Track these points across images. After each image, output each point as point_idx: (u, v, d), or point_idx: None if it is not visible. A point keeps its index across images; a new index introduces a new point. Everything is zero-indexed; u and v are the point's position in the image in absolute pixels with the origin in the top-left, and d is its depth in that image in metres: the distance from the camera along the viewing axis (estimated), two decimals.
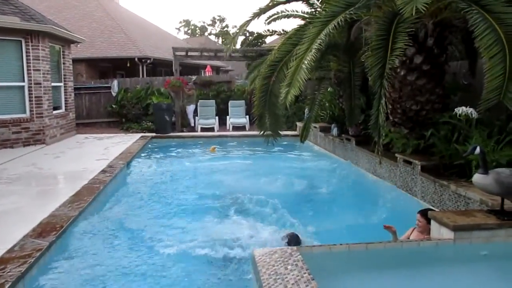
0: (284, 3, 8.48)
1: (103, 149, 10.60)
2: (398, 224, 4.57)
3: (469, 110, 5.71)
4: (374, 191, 7.01)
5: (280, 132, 7.49)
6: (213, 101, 15.53)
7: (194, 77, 16.73)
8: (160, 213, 6.12)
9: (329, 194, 7.18)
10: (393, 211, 5.91)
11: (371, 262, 3.68)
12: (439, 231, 3.99)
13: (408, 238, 4.47)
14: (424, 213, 4.40)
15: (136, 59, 19.12)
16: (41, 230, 4.72)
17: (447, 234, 3.87)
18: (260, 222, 5.59)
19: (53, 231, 4.69)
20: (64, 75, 12.98)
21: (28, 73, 10.62)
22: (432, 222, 4.12)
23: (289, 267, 3.22)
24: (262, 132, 7.39)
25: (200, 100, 15.37)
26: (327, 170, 8.87)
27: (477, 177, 3.97)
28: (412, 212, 4.70)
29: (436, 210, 5.28)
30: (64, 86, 12.97)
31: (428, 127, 6.33)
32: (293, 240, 4.80)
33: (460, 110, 5.79)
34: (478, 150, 3.97)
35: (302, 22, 7.92)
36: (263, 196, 6.47)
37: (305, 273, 3.11)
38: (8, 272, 3.70)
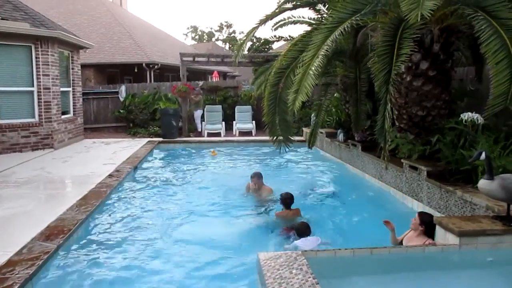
0: (290, 9, 8.51)
1: (110, 153, 10.69)
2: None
3: (475, 115, 5.71)
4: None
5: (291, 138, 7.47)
6: (220, 106, 15.60)
7: (201, 83, 16.82)
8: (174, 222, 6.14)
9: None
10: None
11: (375, 267, 3.69)
12: (444, 237, 3.99)
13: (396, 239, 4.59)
14: (421, 214, 4.47)
15: (143, 65, 19.27)
16: (49, 233, 4.78)
17: (452, 239, 3.87)
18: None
19: (60, 234, 4.74)
20: (73, 80, 13.12)
21: (37, 78, 10.75)
22: (438, 227, 4.13)
23: (293, 271, 3.23)
24: (274, 139, 7.37)
25: (207, 106, 15.45)
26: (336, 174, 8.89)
27: (482, 183, 3.97)
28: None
29: (442, 215, 5.27)
30: (73, 91, 13.10)
31: (434, 133, 6.32)
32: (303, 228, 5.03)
33: (466, 115, 5.78)
34: (483, 155, 3.97)
35: (309, 28, 7.96)
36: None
37: (309, 277, 3.12)
38: (17, 274, 3.76)
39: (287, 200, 5.87)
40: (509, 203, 3.93)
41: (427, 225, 4.30)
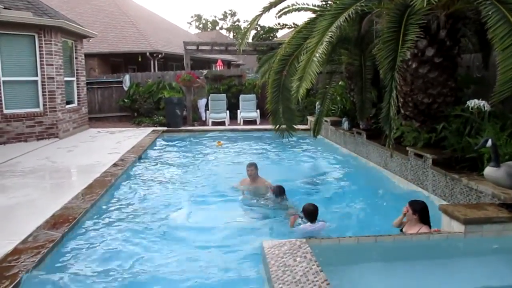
0: None
1: (115, 143, 10.71)
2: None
3: (482, 102, 5.65)
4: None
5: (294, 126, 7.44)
6: (224, 95, 15.54)
7: (205, 71, 16.76)
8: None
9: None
10: None
11: (380, 254, 3.68)
12: (449, 225, 3.97)
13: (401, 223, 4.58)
14: (412, 203, 4.44)
15: (147, 54, 19.22)
16: (54, 222, 4.80)
17: (458, 227, 3.85)
18: None
19: (65, 223, 4.76)
20: (77, 69, 13.10)
21: (41, 68, 10.74)
22: (443, 215, 4.11)
23: (297, 259, 3.23)
24: (277, 127, 7.34)
25: (211, 94, 15.40)
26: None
27: (488, 170, 3.94)
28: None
29: (447, 203, 5.25)
30: (77, 81, 13.10)
31: (440, 120, 6.26)
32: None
33: (473, 103, 5.72)
34: (489, 142, 3.93)
35: (313, 15, 7.87)
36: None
37: (313, 265, 3.11)
38: (22, 262, 3.78)
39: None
40: None
41: (420, 213, 4.32)
